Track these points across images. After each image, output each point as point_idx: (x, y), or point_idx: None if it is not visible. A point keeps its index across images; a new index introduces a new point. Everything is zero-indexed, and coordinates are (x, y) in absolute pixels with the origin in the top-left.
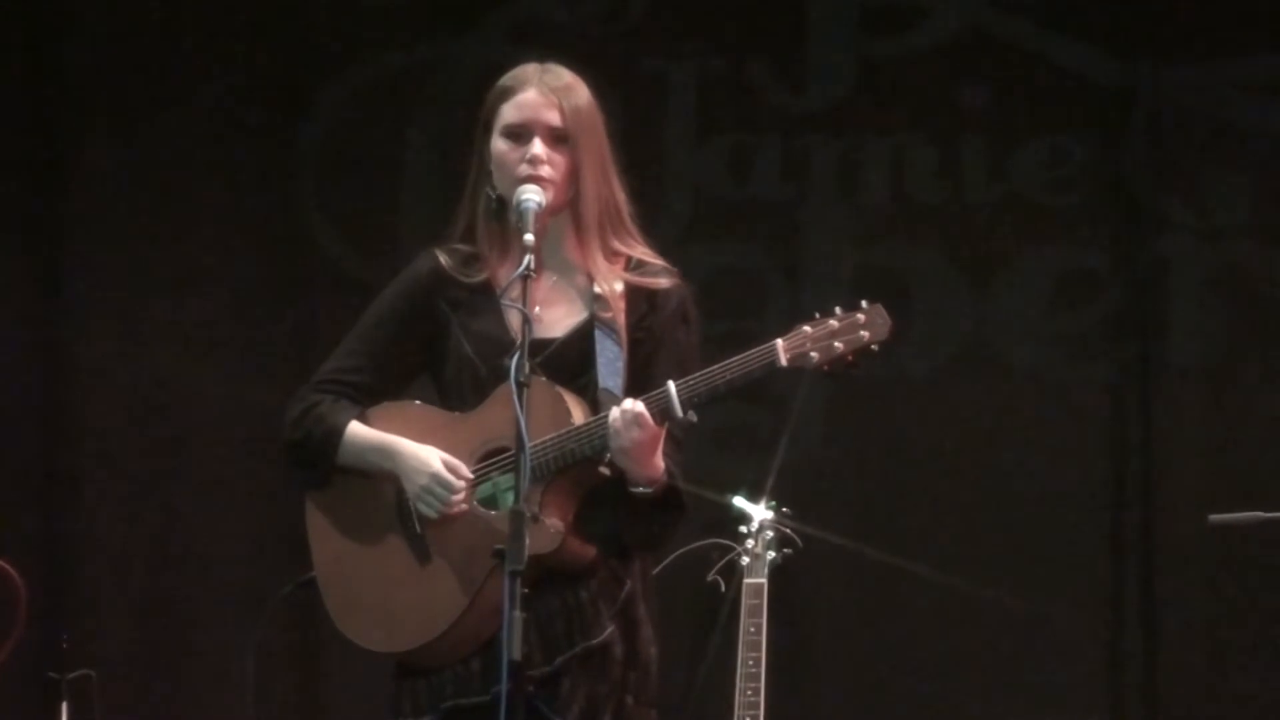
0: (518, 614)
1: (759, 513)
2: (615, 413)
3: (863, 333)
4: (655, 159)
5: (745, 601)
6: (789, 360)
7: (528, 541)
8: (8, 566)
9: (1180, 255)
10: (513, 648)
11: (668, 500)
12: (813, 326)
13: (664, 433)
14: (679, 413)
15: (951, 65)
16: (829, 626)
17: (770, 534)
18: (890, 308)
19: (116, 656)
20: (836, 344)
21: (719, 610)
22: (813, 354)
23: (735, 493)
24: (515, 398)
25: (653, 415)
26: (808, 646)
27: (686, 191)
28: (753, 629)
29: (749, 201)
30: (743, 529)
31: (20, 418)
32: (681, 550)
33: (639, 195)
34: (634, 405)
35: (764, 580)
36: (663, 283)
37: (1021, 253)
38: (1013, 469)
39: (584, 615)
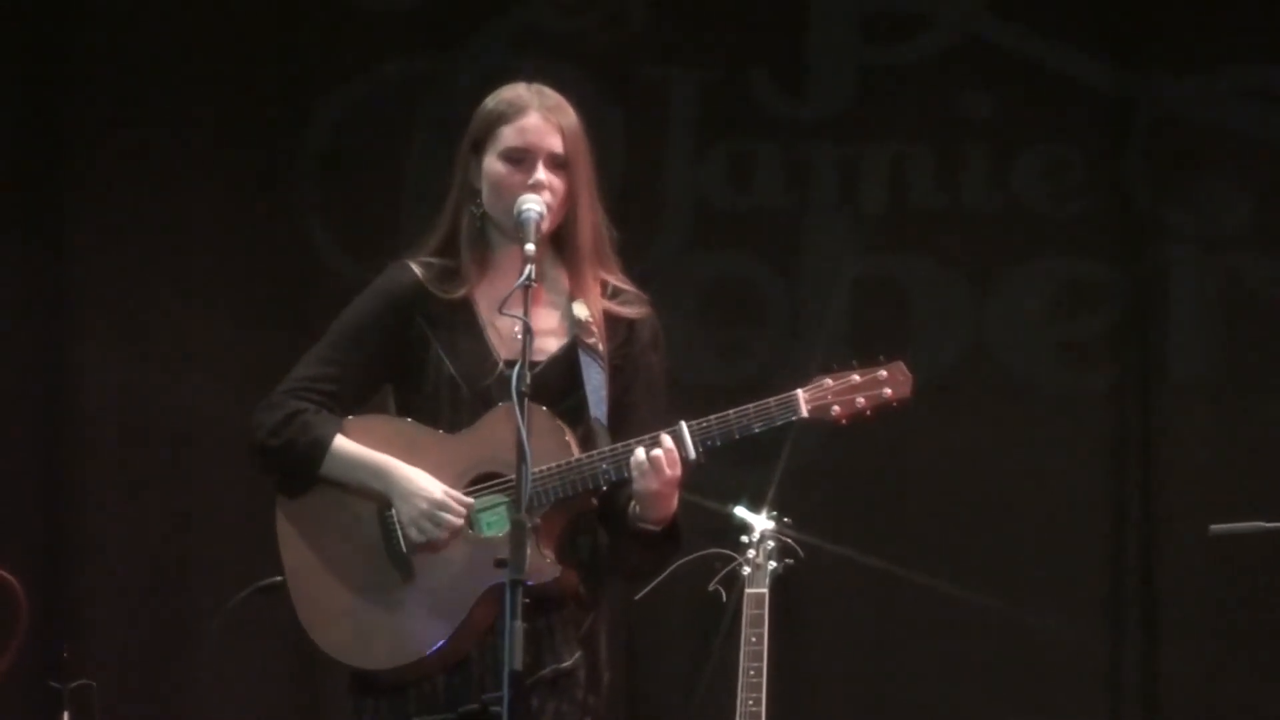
0: (518, 623)
1: (760, 522)
2: (640, 454)
3: (885, 390)
4: (656, 168)
5: (746, 611)
6: (810, 412)
7: (529, 557)
8: (8, 576)
9: (1181, 264)
10: (514, 657)
11: (669, 535)
12: (834, 379)
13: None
14: (691, 455)
15: (952, 74)
16: (830, 636)
17: (772, 544)
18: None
19: (117, 666)
20: (859, 399)
21: (720, 620)
22: (835, 407)
23: (737, 502)
24: (516, 408)
25: None
26: (809, 656)
27: (687, 200)
28: (754, 639)
29: (749, 210)
30: (744, 539)
31: (21, 427)
32: (683, 560)
33: (639, 204)
34: (667, 448)
35: (765, 590)
36: (638, 311)
37: (1022, 261)
38: (1013, 478)
39: (554, 639)
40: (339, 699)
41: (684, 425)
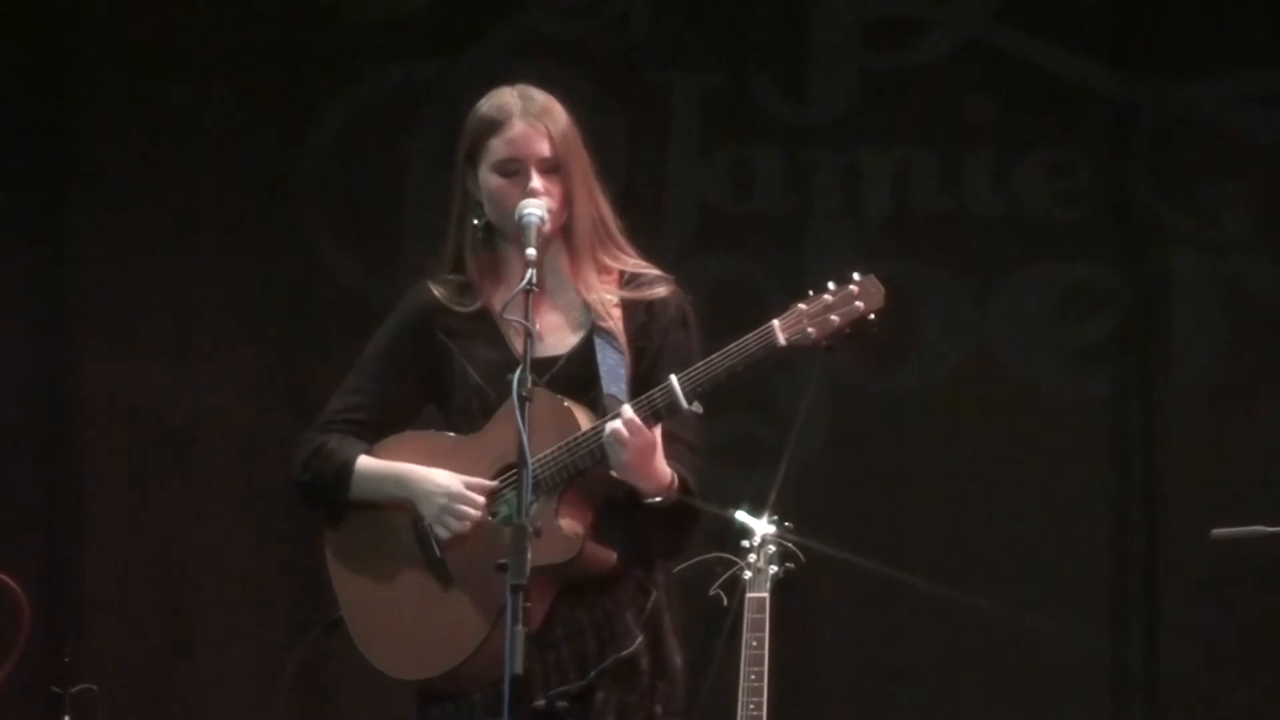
0: (519, 628)
1: (762, 527)
2: (608, 429)
3: (858, 304)
4: (658, 172)
5: (747, 616)
6: (787, 339)
7: (531, 554)
8: (10, 581)
9: (1183, 269)
10: (515, 662)
11: (681, 506)
12: (807, 304)
13: (659, 439)
14: (684, 404)
15: (955, 79)
16: (831, 640)
17: (773, 548)
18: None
19: (119, 671)
20: (833, 317)
21: (721, 624)
22: (810, 330)
23: (738, 507)
24: (517, 412)
25: (657, 411)
26: (810, 661)
27: (689, 205)
28: (755, 643)
29: (751, 215)
30: (745, 543)
31: (23, 430)
32: (684, 564)
33: (641, 209)
34: (620, 419)
35: (766, 594)
36: (659, 291)
37: (1024, 266)
38: (1016, 482)
39: (613, 626)
40: (347, 706)
41: (673, 378)
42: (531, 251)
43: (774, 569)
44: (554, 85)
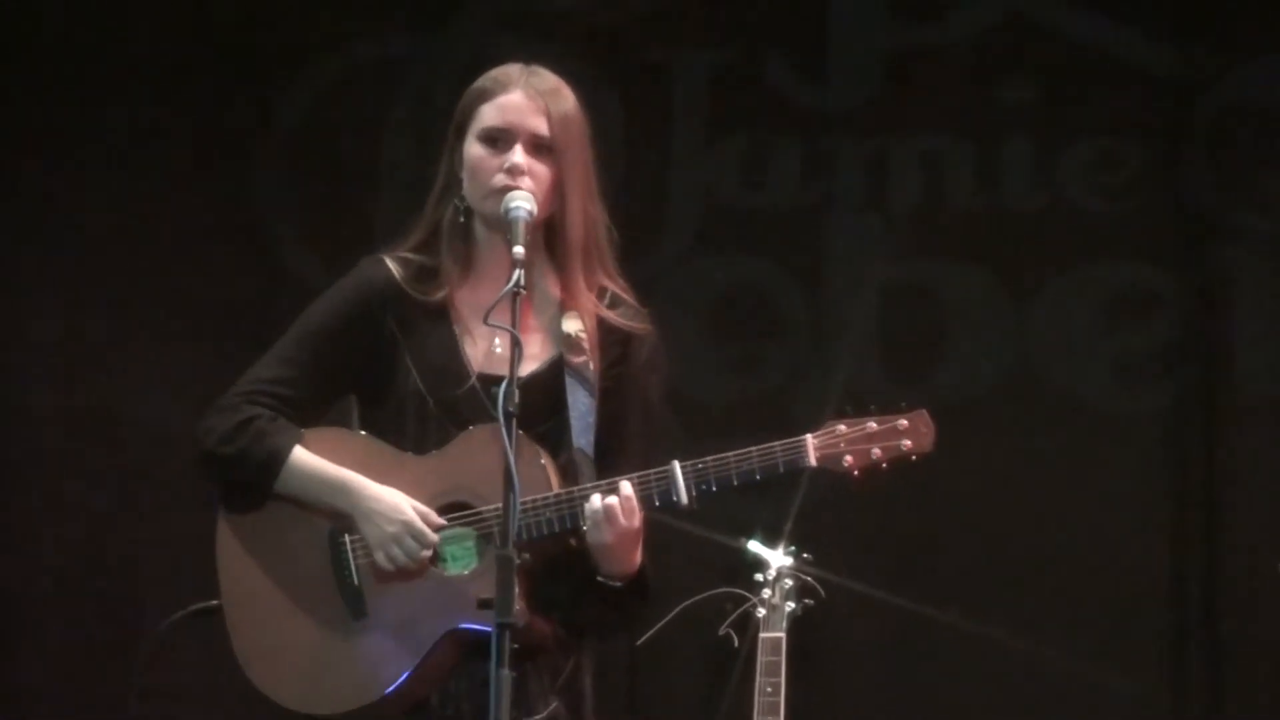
0: (505, 672)
1: (777, 558)
2: (596, 501)
3: (904, 442)
4: (661, 161)
5: (761, 658)
6: (819, 460)
7: (470, 620)
8: None
9: (1247, 270)
10: (499, 708)
11: (634, 591)
12: (848, 426)
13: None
14: (683, 500)
15: (991, 58)
16: (854, 684)
17: (789, 582)
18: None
19: (46, 696)
20: (874, 450)
21: (732, 668)
22: (846, 457)
23: (750, 536)
24: (503, 429)
25: (649, 496)
26: (830, 708)
27: (695, 197)
28: (769, 689)
29: (765, 210)
30: (759, 577)
31: None
32: (691, 600)
33: (641, 204)
34: (620, 498)
35: (782, 634)
36: (636, 327)
37: (1070, 267)
38: (1059, 509)
39: (528, 690)
40: None
41: (677, 465)
42: (519, 250)
43: (791, 605)
44: (543, 64)
